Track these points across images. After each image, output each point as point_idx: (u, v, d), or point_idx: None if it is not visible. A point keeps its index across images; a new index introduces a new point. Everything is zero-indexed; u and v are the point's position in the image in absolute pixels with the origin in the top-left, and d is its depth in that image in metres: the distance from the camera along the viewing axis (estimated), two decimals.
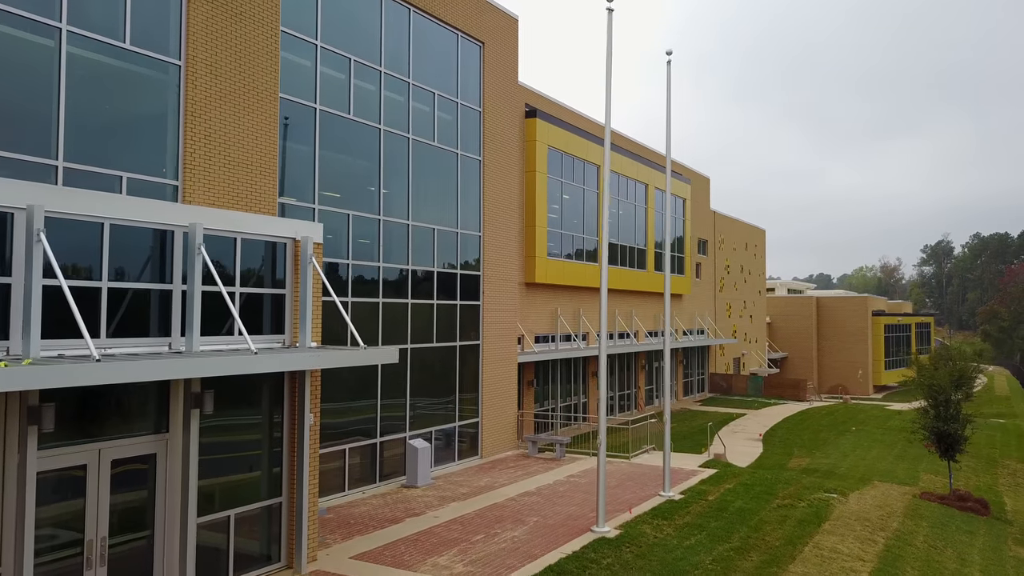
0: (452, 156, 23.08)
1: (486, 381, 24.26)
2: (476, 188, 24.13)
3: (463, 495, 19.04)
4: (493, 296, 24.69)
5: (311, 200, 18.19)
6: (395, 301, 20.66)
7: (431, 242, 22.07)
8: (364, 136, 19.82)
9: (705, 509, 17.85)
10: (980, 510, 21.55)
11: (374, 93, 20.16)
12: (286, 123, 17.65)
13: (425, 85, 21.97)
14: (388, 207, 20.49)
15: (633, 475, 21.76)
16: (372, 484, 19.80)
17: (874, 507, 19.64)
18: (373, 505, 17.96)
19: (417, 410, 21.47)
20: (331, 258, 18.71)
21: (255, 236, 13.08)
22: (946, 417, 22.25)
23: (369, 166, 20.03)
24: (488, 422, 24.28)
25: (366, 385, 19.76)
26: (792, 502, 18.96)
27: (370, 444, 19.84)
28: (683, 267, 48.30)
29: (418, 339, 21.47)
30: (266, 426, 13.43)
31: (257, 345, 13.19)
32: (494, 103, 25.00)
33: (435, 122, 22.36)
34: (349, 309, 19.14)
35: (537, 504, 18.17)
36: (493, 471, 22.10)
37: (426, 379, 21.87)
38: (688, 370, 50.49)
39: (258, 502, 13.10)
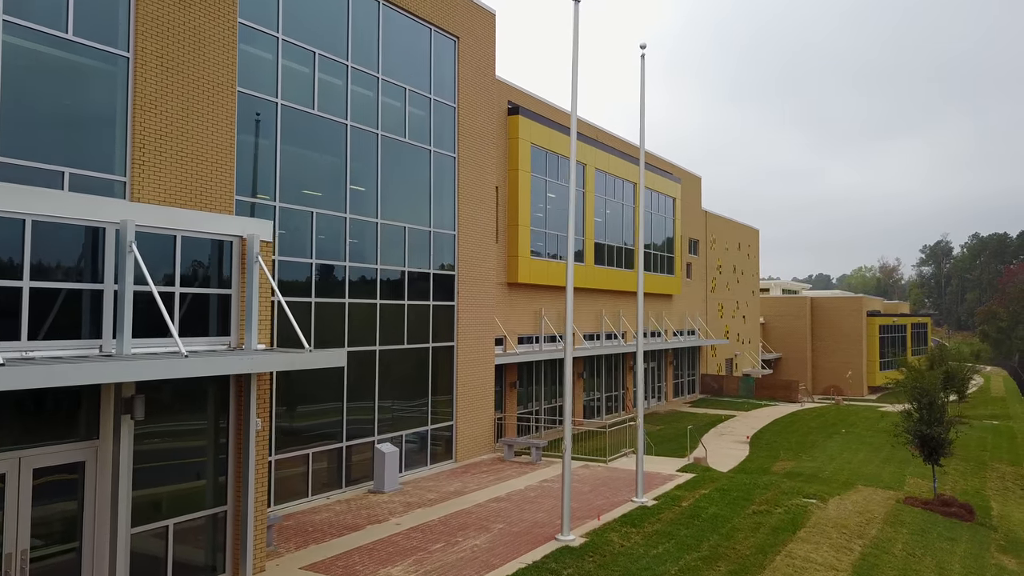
0: (425, 153, 22.55)
1: (461, 383, 23.73)
2: (450, 186, 23.61)
3: (430, 501, 18.51)
4: (469, 297, 24.16)
5: (272, 197, 17.67)
6: (363, 302, 20.13)
7: (402, 241, 21.54)
8: (330, 132, 19.30)
9: (677, 516, 17.31)
10: (964, 516, 21.02)
11: (340, 88, 19.64)
12: (250, 119, 17.13)
13: (396, 80, 21.45)
14: (356, 205, 19.97)
15: (609, 480, 21.23)
16: (338, 489, 19.28)
17: (853, 513, 19.10)
18: (336, 511, 17.44)
19: (387, 413, 20.95)
20: (294, 257, 18.19)
21: (198, 234, 12.55)
22: (930, 420, 21.71)
23: (336, 163, 19.51)
24: (463, 425, 23.75)
25: (331, 388, 19.23)
26: (768, 508, 18.43)
27: (336, 448, 19.31)
28: (673, 267, 47.77)
29: (388, 341, 20.94)
30: (211, 432, 12.91)
31: (201, 347, 12.69)
32: (470, 99, 24.48)
33: (406, 118, 21.84)
34: (313, 310, 18.63)
35: (505, 510, 17.64)
36: (465, 476, 21.57)
37: (397, 381, 21.35)
38: (678, 371, 49.95)
39: (202, 511, 12.57)
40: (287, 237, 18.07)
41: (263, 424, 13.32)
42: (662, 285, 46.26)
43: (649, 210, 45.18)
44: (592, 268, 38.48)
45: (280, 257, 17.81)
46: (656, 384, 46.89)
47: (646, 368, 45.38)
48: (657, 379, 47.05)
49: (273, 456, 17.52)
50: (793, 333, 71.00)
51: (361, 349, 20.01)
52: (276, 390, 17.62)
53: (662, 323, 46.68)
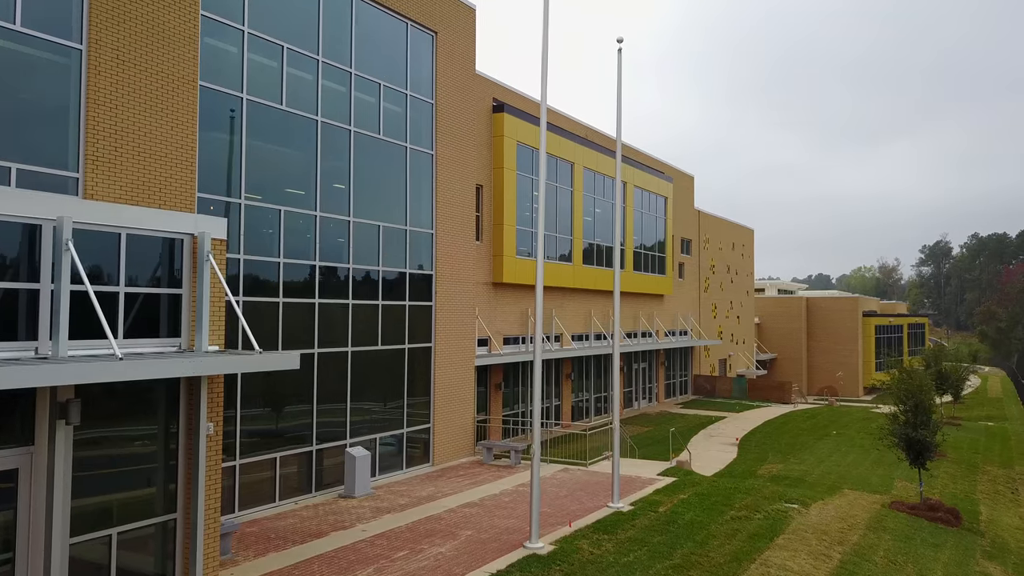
0: (400, 150, 22.10)
1: (439, 385, 23.27)
2: (428, 184, 23.15)
3: (400, 506, 18.06)
4: (447, 297, 23.70)
5: (237, 195, 17.21)
6: (334, 302, 19.67)
7: (375, 240, 21.08)
8: (300, 128, 18.85)
9: (652, 522, 16.85)
10: (951, 521, 20.55)
11: (311, 83, 19.19)
12: (214, 114, 16.67)
13: (370, 75, 20.99)
14: (327, 203, 19.51)
15: (587, 484, 20.77)
16: (307, 494, 18.82)
17: (836, 518, 18.64)
18: (302, 517, 16.98)
19: (360, 416, 20.49)
20: (261, 256, 17.74)
21: (145, 231, 12.09)
22: (916, 423, 21.24)
23: (306, 159, 19.05)
24: (441, 428, 23.29)
25: (301, 390, 18.78)
26: (748, 514, 17.97)
27: (305, 452, 18.85)
28: (664, 267, 47.29)
29: (361, 342, 20.48)
30: (161, 437, 12.45)
31: (150, 349, 12.24)
32: (449, 95, 24.02)
33: (381, 114, 21.38)
34: (281, 310, 18.17)
35: (475, 516, 17.18)
36: (441, 480, 21.11)
37: (371, 384, 20.89)
38: (670, 372, 49.47)
39: (150, 519, 12.11)
40: (254, 236, 17.62)
41: (215, 428, 12.87)
42: (653, 285, 45.78)
43: (640, 209, 44.71)
44: (581, 268, 38.01)
45: (246, 256, 17.36)
46: (647, 385, 46.42)
47: (637, 369, 44.92)
48: (648, 380, 46.58)
49: (238, 461, 17.07)
50: (788, 333, 70.51)
51: (332, 350, 19.56)
52: (241, 393, 17.18)
53: (653, 323, 46.21)
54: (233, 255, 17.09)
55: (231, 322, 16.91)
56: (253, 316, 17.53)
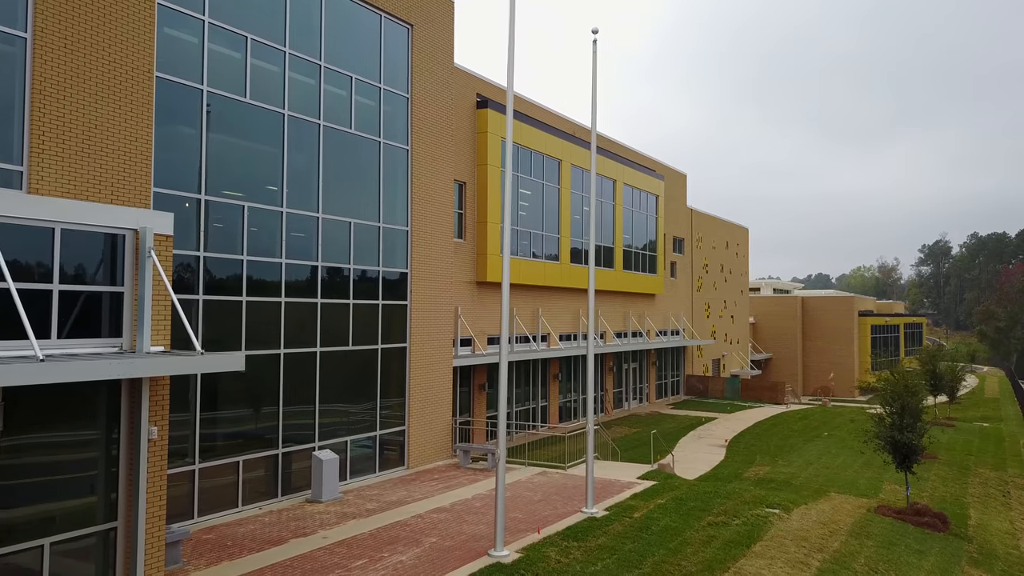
0: (374, 145, 21.53)
1: (414, 386, 22.70)
2: (403, 180, 22.58)
3: (368, 511, 17.49)
4: (424, 296, 23.14)
5: (197, 190, 16.65)
6: (301, 301, 19.11)
7: (347, 237, 20.52)
8: (265, 121, 18.28)
9: (625, 528, 16.28)
10: (937, 526, 19.97)
11: (277, 75, 18.62)
12: (172, 106, 16.11)
13: (341, 68, 20.42)
14: (294, 198, 18.95)
15: (564, 488, 20.21)
16: (273, 499, 18.27)
17: (817, 524, 18.07)
18: (264, 523, 16.42)
19: (330, 418, 19.93)
20: (223, 254, 17.17)
21: (82, 227, 11.53)
22: (901, 426, 20.66)
23: (271, 154, 18.49)
24: (416, 430, 22.73)
25: (265, 391, 18.21)
26: (726, 519, 17.40)
27: (271, 455, 18.29)
28: (655, 266, 46.72)
29: (330, 342, 19.91)
30: (103, 442, 11.90)
31: (90, 349, 11.69)
32: (426, 90, 23.45)
33: (353, 108, 20.81)
34: (244, 309, 17.61)
35: (444, 522, 16.62)
36: (414, 483, 20.55)
37: (341, 385, 20.33)
38: (662, 372, 48.91)
39: (89, 527, 11.56)
40: (215, 232, 17.06)
41: (160, 432, 12.31)
42: (644, 284, 45.21)
43: (630, 208, 44.14)
44: (568, 267, 37.45)
45: (207, 253, 16.79)
46: (638, 385, 45.86)
47: (627, 369, 44.35)
48: (639, 380, 46.02)
49: (197, 465, 16.51)
50: (784, 333, 69.93)
51: (299, 351, 19.00)
52: (201, 394, 16.61)
53: (644, 323, 45.64)
54: (193, 252, 16.53)
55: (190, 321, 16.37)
56: (215, 315, 16.99)
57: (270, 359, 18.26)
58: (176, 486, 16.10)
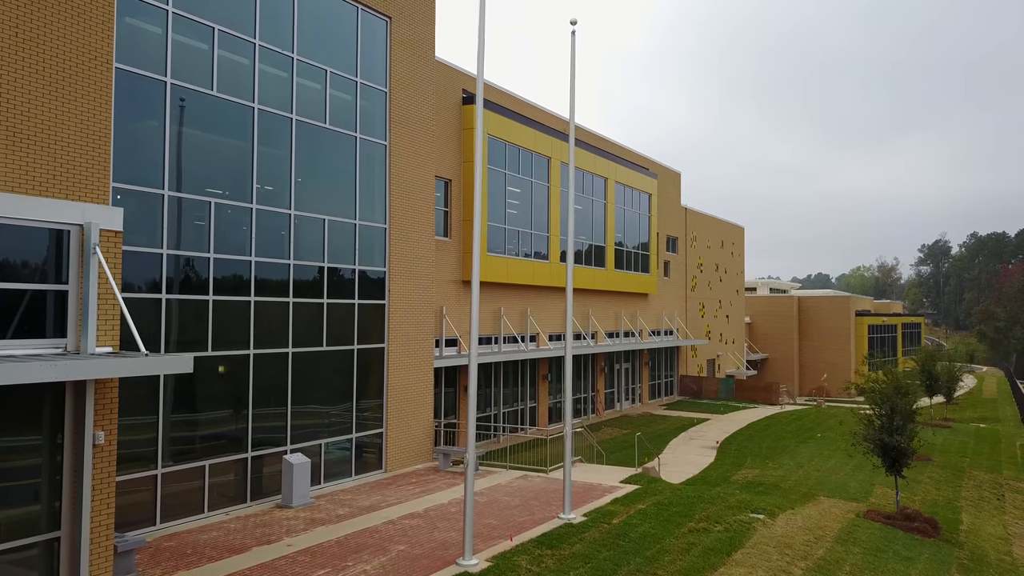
0: (350, 140, 20.99)
1: (393, 388, 22.16)
2: (381, 176, 22.04)
3: (338, 517, 16.96)
4: (403, 295, 22.60)
5: (159, 186, 16.11)
6: (272, 300, 18.57)
7: (321, 235, 19.98)
8: (234, 115, 17.74)
9: (602, 535, 15.74)
10: (928, 531, 19.43)
11: (247, 68, 18.08)
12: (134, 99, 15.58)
13: (315, 61, 19.89)
14: (265, 195, 18.41)
15: (543, 492, 19.67)
16: (242, 504, 17.73)
17: (803, 530, 17.53)
18: (228, 530, 15.88)
19: (303, 420, 19.39)
20: (188, 251, 16.63)
21: (21, 222, 11.00)
22: (891, 428, 20.12)
23: (240, 148, 17.95)
24: (395, 433, 22.19)
25: (234, 394, 17.67)
26: (707, 526, 16.85)
27: (240, 459, 17.75)
28: (648, 265, 46.16)
29: (303, 342, 19.38)
30: (47, 448, 11.37)
31: (33, 351, 11.16)
32: (405, 84, 22.91)
33: (328, 102, 20.27)
34: (211, 309, 17.07)
35: (415, 529, 16.08)
36: (390, 487, 20.01)
37: (315, 386, 19.79)
38: (655, 372, 48.35)
39: (29, 537, 11.02)
40: (180, 229, 16.52)
41: (107, 437, 11.78)
42: (636, 284, 44.67)
43: (622, 206, 43.59)
44: (558, 266, 36.88)
45: (171, 251, 16.25)
46: (630, 386, 45.32)
47: (619, 369, 43.80)
48: (632, 380, 45.48)
49: (160, 470, 15.97)
50: (780, 333, 69.39)
51: (270, 351, 18.46)
52: (165, 397, 16.07)
53: (636, 323, 45.08)
54: (156, 250, 15.99)
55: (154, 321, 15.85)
56: (181, 315, 16.46)
57: (239, 360, 17.73)
58: (138, 492, 15.57)
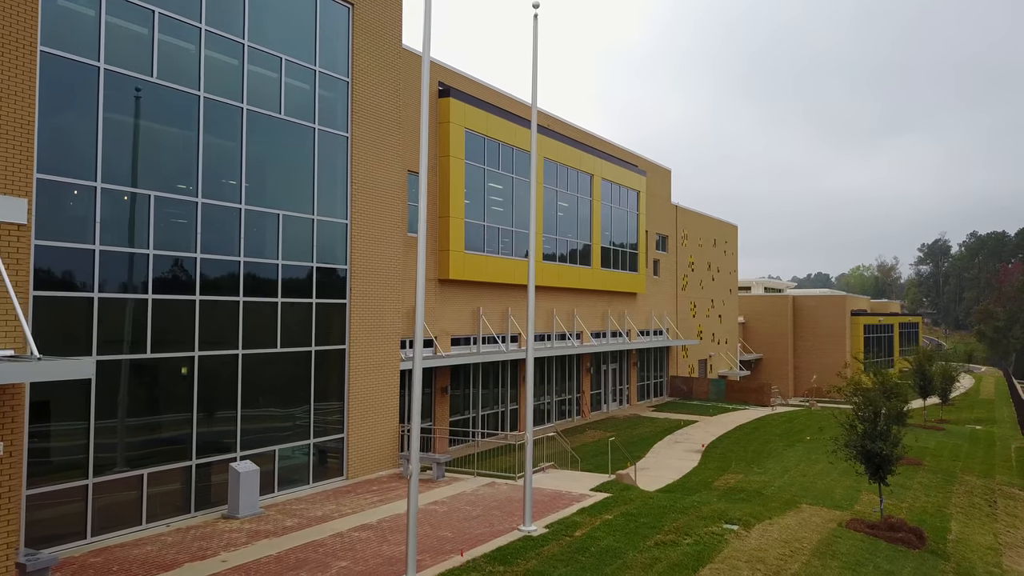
0: (308, 131, 20.02)
1: (355, 391, 21.20)
2: (342, 169, 21.07)
3: (285, 529, 15.99)
4: (366, 294, 21.63)
5: (92, 177, 15.14)
6: (220, 299, 17.60)
7: (274, 230, 19.02)
8: (176, 103, 16.76)
9: (561, 549, 14.77)
10: (913, 542, 18.45)
11: (191, 54, 17.12)
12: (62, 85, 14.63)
13: (269, 48, 18.91)
14: (211, 188, 17.44)
15: (508, 501, 18.69)
16: (185, 515, 16.76)
17: (779, 542, 16.55)
18: (164, 544, 14.91)
19: (254, 424, 18.43)
20: (124, 247, 15.67)
21: None
22: (873, 434, 19.13)
23: (185, 139, 16.98)
24: (357, 438, 21.22)
25: (176, 397, 16.70)
26: (676, 538, 15.88)
27: (183, 467, 16.79)
28: (636, 263, 45.19)
29: (255, 343, 18.41)
30: None
31: None
32: (370, 74, 21.94)
33: (283, 91, 19.30)
34: (150, 308, 16.10)
35: (363, 542, 15.12)
36: (348, 496, 19.05)
37: (268, 390, 18.83)
38: (644, 373, 47.38)
39: None
40: (115, 224, 15.55)
41: (8, 448, 10.82)
42: (624, 283, 43.71)
43: (609, 203, 42.61)
44: (541, 264, 35.93)
45: (103, 247, 15.28)
46: (618, 387, 44.35)
47: (606, 370, 42.83)
48: (619, 381, 44.51)
49: (91, 480, 15.00)
50: (775, 333, 68.38)
51: (217, 353, 17.50)
52: (96, 402, 15.10)
53: (624, 323, 44.10)
54: (87, 246, 15.02)
55: (84, 322, 14.90)
56: (115, 316, 15.49)
57: (183, 362, 16.76)
58: (66, 504, 14.61)
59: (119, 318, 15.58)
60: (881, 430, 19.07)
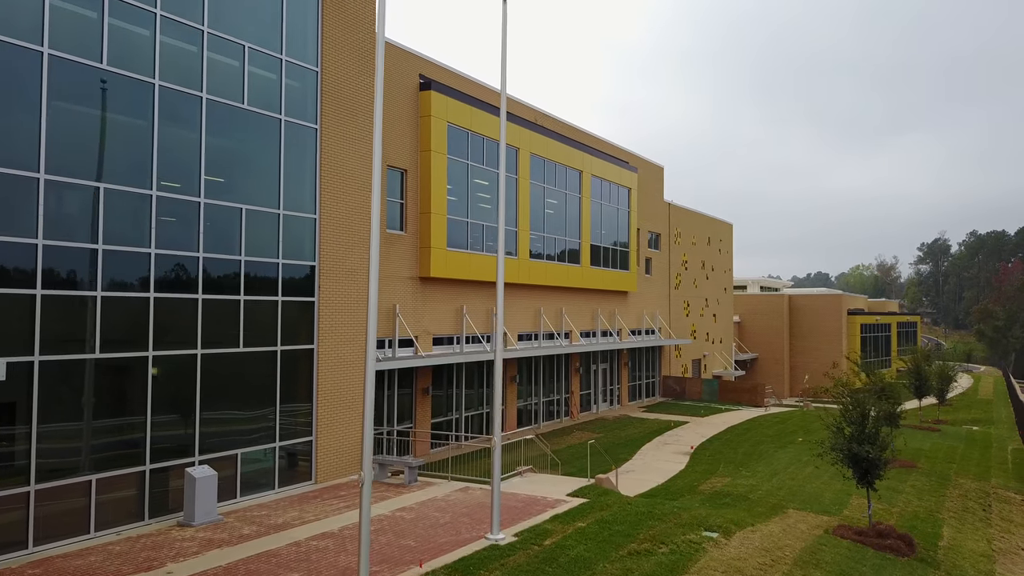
0: (273, 122, 19.27)
1: (324, 392, 20.44)
2: (310, 162, 20.31)
3: (241, 538, 15.24)
4: (336, 292, 20.88)
5: (35, 168, 14.39)
6: (177, 297, 16.85)
7: (237, 225, 18.26)
8: (128, 92, 16.01)
9: (527, 560, 14.01)
10: (902, 549, 17.70)
11: (145, 39, 16.35)
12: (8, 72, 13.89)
13: (230, 35, 18.16)
14: (167, 180, 16.68)
15: (479, 507, 17.94)
16: (139, 522, 16.02)
17: (759, 551, 15.79)
18: (111, 553, 14.17)
19: (216, 428, 17.68)
20: (68, 242, 14.91)
21: None
22: (861, 437, 18.38)
23: (138, 129, 16.22)
24: (327, 441, 20.47)
25: (129, 399, 15.96)
26: (651, 547, 15.12)
27: (136, 472, 16.04)
28: (627, 262, 44.41)
29: (215, 343, 17.65)
30: None
31: None
32: (341, 64, 21.18)
33: (246, 81, 18.55)
34: (98, 306, 15.35)
35: (321, 552, 14.37)
36: (314, 501, 18.30)
37: (230, 391, 18.08)
38: (635, 373, 46.60)
39: None
40: (60, 218, 14.80)
41: None
42: (615, 281, 42.92)
43: (599, 200, 41.84)
44: (527, 262, 35.19)
45: (47, 242, 14.54)
46: (608, 387, 43.58)
47: (596, 370, 42.06)
48: (610, 382, 43.74)
49: (33, 487, 14.26)
50: (770, 333, 67.59)
51: (174, 353, 16.75)
52: (39, 405, 14.35)
53: (614, 322, 43.33)
54: (30, 240, 14.28)
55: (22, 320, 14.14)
56: (60, 314, 14.75)
57: (135, 363, 16.01)
58: (6, 512, 13.87)
59: (65, 316, 14.83)
60: (869, 433, 18.31)
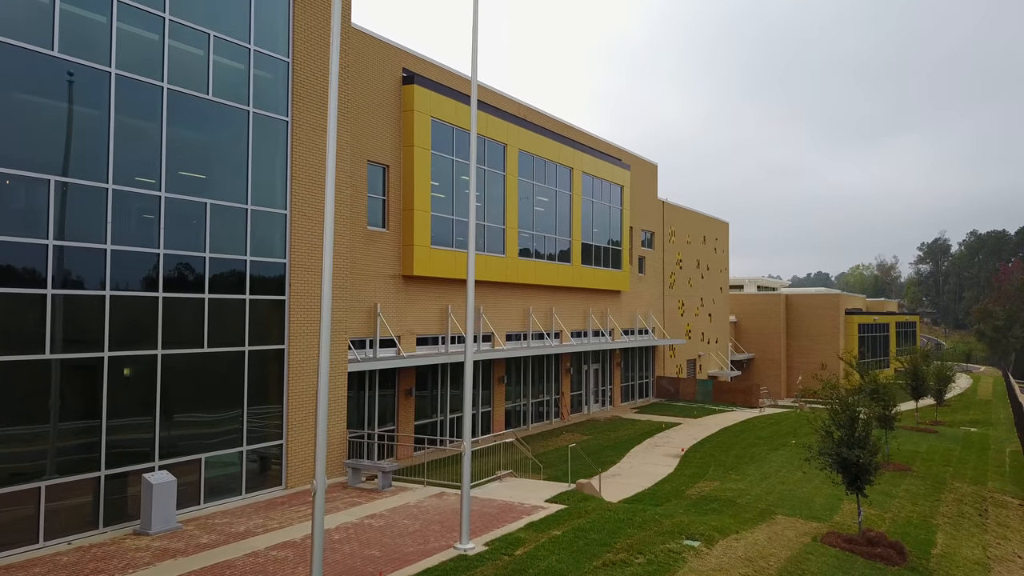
0: (240, 114, 18.56)
1: (295, 394, 19.74)
2: (281, 156, 19.61)
3: (198, 547, 14.54)
4: (307, 290, 20.17)
5: None
6: (135, 295, 16.14)
7: (201, 220, 17.55)
8: (84, 80, 15.31)
9: (495, 572, 13.30)
10: (892, 558, 16.98)
11: (100, 26, 15.65)
12: None
13: (194, 23, 17.45)
14: (125, 173, 15.98)
15: (452, 514, 17.21)
16: (93, 531, 15.32)
17: (742, 561, 15.08)
18: (56, 565, 13.46)
19: (177, 431, 16.97)
20: (19, 237, 14.22)
21: None
22: (850, 441, 17.67)
23: (93, 119, 15.52)
24: (298, 444, 19.77)
25: (81, 402, 15.25)
26: (627, 557, 14.41)
27: (90, 479, 15.33)
28: (620, 261, 43.69)
29: (177, 343, 16.94)
30: None
31: None
32: (314, 55, 20.48)
33: (211, 71, 17.84)
34: (50, 304, 14.65)
35: (280, 563, 13.66)
36: (280, 508, 17.59)
37: (193, 393, 17.37)
38: (628, 373, 45.88)
39: None
40: (8, 213, 14.10)
41: None
42: (607, 280, 42.21)
43: (591, 198, 41.14)
44: (516, 261, 34.48)
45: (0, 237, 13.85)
46: (600, 388, 42.86)
47: (587, 371, 41.35)
48: (602, 382, 43.02)
49: None
50: (767, 332, 66.86)
51: (132, 353, 16.04)
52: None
53: (607, 322, 42.62)
54: None
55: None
56: (11, 312, 14.05)
57: (90, 364, 15.31)
58: None
59: (12, 315, 14.12)
60: (859, 436, 17.60)
